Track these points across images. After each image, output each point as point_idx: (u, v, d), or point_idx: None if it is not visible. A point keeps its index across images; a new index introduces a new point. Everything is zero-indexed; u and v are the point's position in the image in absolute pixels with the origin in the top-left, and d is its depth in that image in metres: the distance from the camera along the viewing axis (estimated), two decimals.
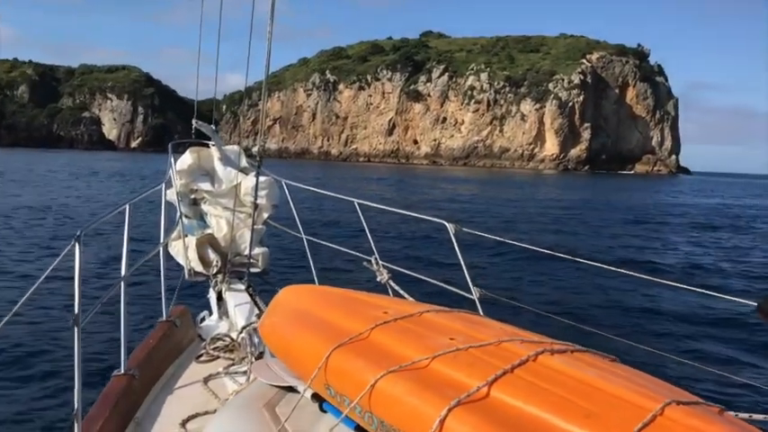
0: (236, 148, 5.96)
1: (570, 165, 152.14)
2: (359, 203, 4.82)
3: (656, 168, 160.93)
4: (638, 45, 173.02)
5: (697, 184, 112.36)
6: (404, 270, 4.46)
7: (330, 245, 5.38)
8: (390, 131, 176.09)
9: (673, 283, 3.68)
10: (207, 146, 5.76)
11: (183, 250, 5.24)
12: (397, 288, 4.14)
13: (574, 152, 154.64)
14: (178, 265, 5.36)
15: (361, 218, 4.76)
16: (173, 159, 5.57)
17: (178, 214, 5.31)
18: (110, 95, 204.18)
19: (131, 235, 3.64)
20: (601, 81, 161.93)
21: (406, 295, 3.97)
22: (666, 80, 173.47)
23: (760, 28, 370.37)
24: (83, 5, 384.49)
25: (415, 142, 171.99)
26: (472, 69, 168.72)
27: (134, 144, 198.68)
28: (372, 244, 4.49)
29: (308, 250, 5.19)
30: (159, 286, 4.42)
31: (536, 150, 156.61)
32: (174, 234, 5.30)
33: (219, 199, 5.58)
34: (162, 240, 4.54)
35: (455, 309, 2.69)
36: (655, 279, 3.74)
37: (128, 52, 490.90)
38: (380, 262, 4.37)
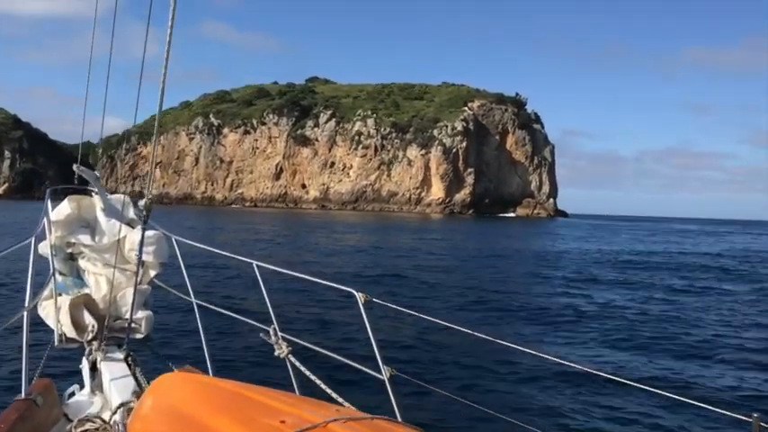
0: (121, 197, 5.39)
1: (456, 208, 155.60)
2: (258, 266, 4.49)
3: (535, 211, 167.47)
4: (516, 94, 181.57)
5: (577, 228, 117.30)
6: (306, 343, 4.16)
7: (223, 311, 5.02)
8: (278, 176, 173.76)
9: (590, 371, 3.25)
10: (89, 194, 5.20)
11: (55, 312, 4.58)
12: (297, 364, 3.86)
13: (459, 196, 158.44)
14: (48, 329, 4.72)
15: (260, 282, 4.40)
16: (49, 208, 4.98)
17: (51, 270, 4.65)
18: None
19: None
20: (482, 128, 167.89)
21: (307, 373, 3.78)
22: (543, 127, 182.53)
23: (618, 81, 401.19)
24: None
25: (304, 186, 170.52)
26: (359, 115, 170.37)
27: (0, 191, 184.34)
28: (272, 312, 4.15)
29: (198, 316, 4.71)
30: (21, 356, 3.81)
31: (423, 194, 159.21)
32: (46, 293, 4.63)
33: (100, 254, 4.99)
34: (27, 302, 3.98)
35: (369, 416, 2.39)
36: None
37: None
38: (280, 333, 4.04)
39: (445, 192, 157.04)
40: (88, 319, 4.75)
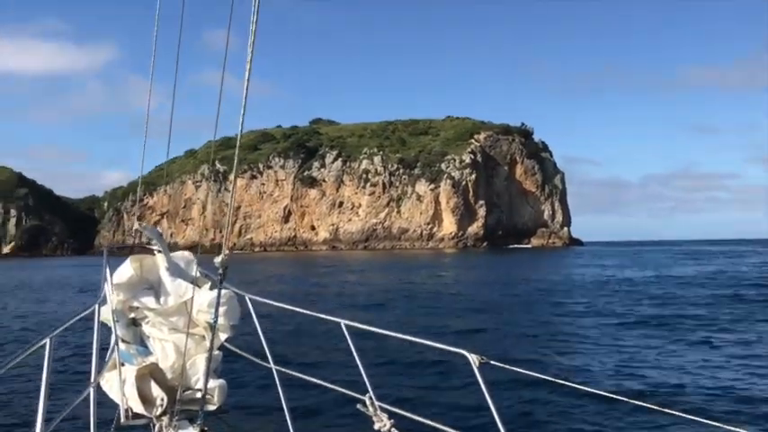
0: (185, 254, 5.05)
1: (469, 242, 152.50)
2: (346, 325, 4.12)
3: (550, 241, 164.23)
4: (522, 124, 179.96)
5: (601, 256, 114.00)
6: (411, 415, 3.67)
7: (308, 378, 4.55)
8: (286, 219, 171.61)
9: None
10: (151, 252, 4.90)
11: (119, 385, 4.20)
12: None
13: (471, 229, 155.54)
14: (113, 403, 4.29)
15: (350, 343, 4.03)
16: (108, 270, 4.65)
17: (113, 338, 4.35)
18: None
19: (54, 371, 3.16)
20: (490, 159, 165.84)
21: None
22: (551, 155, 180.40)
23: (619, 106, 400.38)
24: None
25: (313, 228, 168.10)
26: (365, 153, 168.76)
27: (6, 250, 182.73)
28: (366, 377, 3.77)
29: (278, 384, 4.37)
30: None
31: (434, 230, 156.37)
32: (109, 364, 4.33)
33: (166, 318, 4.61)
34: (93, 377, 3.79)
35: None
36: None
37: None
38: (377, 403, 3.68)
39: (457, 225, 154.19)
40: (156, 391, 4.28)
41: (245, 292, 4.70)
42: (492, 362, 3.36)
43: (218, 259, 3.82)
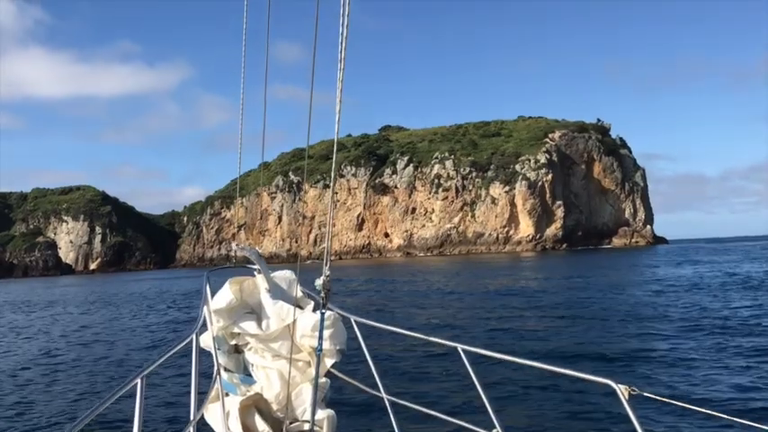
0: (286, 274, 4.86)
1: (547, 244, 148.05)
2: (464, 350, 3.80)
3: (633, 240, 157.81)
4: (598, 120, 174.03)
5: (683, 253, 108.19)
6: None
7: (424, 410, 4.15)
8: (360, 227, 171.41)
9: None
10: (251, 273, 4.80)
11: (223, 417, 4.00)
12: None
13: (549, 231, 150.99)
14: None
15: (470, 370, 3.68)
16: (209, 295, 4.54)
17: (215, 367, 4.14)
18: (65, 217, 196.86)
19: (150, 406, 3.06)
20: (566, 158, 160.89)
21: None
22: (630, 152, 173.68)
23: (695, 99, 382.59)
24: (27, 129, 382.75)
25: (387, 235, 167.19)
26: (436, 158, 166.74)
27: (93, 266, 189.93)
28: (491, 410, 3.48)
29: (391, 416, 4.09)
30: None
31: (511, 233, 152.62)
32: (212, 395, 4.10)
33: (268, 344, 4.45)
34: (193, 411, 3.55)
35: None
36: None
37: (80, 173, 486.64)
38: None
39: (535, 228, 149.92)
40: (261, 424, 4.06)
41: (350, 312, 4.35)
42: (645, 393, 3.01)
43: (318, 281, 3.61)
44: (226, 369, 4.44)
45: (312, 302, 4.54)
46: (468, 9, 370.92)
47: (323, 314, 3.81)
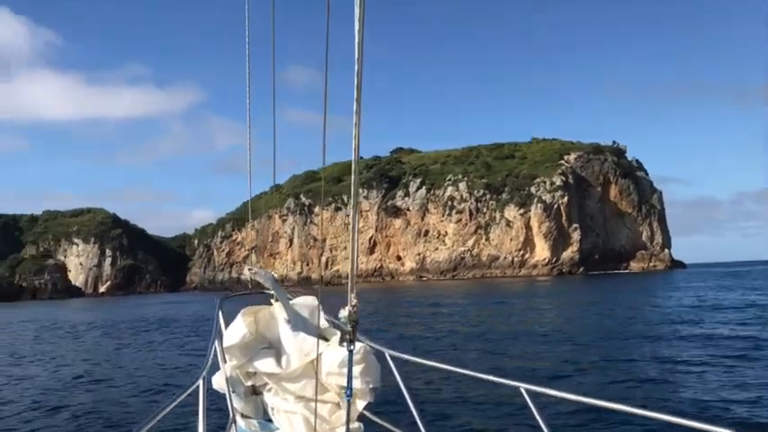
0: (309, 300, 4.37)
1: (564, 268, 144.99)
2: (528, 390, 3.21)
3: (651, 264, 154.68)
4: (614, 142, 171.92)
5: (706, 278, 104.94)
6: None
7: None
8: (372, 249, 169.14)
9: None
10: (267, 301, 4.35)
11: None
12: None
13: (566, 255, 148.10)
14: None
15: (535, 413, 3.09)
16: (222, 326, 4.16)
17: (230, 413, 3.74)
18: (75, 240, 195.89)
19: None
20: (582, 181, 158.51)
21: None
22: (647, 174, 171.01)
23: (706, 123, 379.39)
24: (37, 151, 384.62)
25: (399, 258, 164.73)
26: (450, 180, 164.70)
27: (102, 289, 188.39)
28: None
29: None
30: None
31: (526, 256, 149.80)
32: None
33: (289, 384, 3.94)
34: None
35: None
36: None
37: (91, 195, 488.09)
38: None
39: (551, 251, 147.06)
40: None
41: (383, 345, 3.82)
42: None
43: (343, 313, 3.19)
44: (243, 415, 3.97)
45: (338, 333, 3.89)
46: (479, 33, 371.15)
47: (351, 351, 3.27)
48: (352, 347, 3.25)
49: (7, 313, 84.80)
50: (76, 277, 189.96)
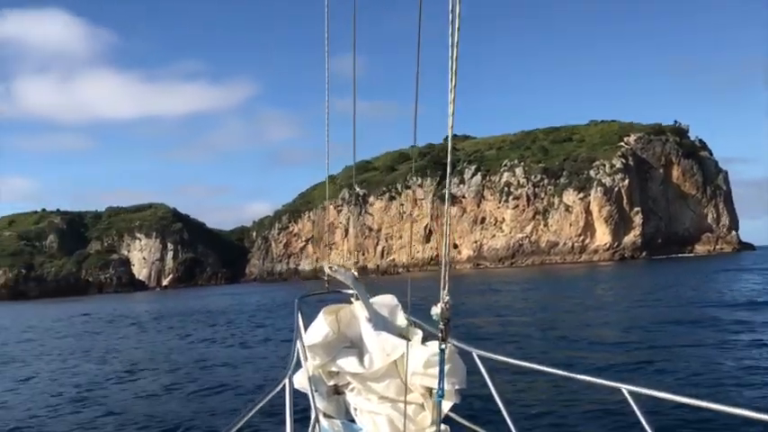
0: (389, 299, 4.35)
1: (626, 253, 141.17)
2: (631, 392, 2.96)
3: (717, 247, 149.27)
4: (675, 122, 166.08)
5: None
6: None
7: None
8: (427, 238, 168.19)
9: None
10: (348, 300, 4.33)
11: None
12: None
13: (628, 239, 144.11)
14: None
15: (642, 419, 2.87)
16: (302, 327, 4.12)
17: (312, 413, 3.66)
18: (138, 235, 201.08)
19: None
20: (643, 162, 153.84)
21: None
22: (711, 154, 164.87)
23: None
24: (99, 150, 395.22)
25: (455, 246, 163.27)
26: (506, 165, 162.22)
27: (165, 282, 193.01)
28: None
29: None
30: None
31: (587, 241, 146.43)
32: None
33: (373, 384, 3.89)
34: None
35: None
36: None
37: (151, 191, 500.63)
38: None
39: (612, 236, 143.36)
40: None
41: (470, 345, 3.68)
42: None
43: (435, 310, 3.03)
44: (326, 415, 3.91)
45: (420, 332, 3.91)
46: (530, 14, 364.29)
47: (443, 351, 3.12)
48: (443, 347, 3.10)
49: (79, 306, 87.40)
50: (140, 271, 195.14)
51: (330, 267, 4.25)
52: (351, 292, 4.25)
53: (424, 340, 3.76)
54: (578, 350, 18.95)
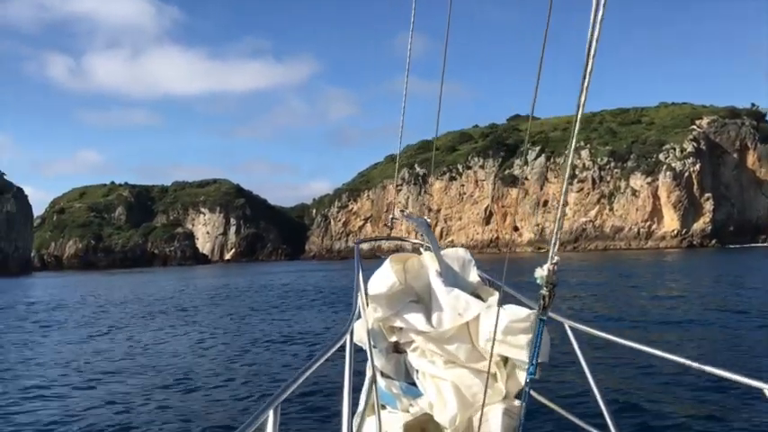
0: (461, 252, 3.95)
1: (695, 240, 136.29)
2: None
3: None
4: (752, 105, 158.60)
5: None
6: None
7: None
8: (487, 220, 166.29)
9: None
10: (417, 250, 3.98)
11: None
12: None
13: (697, 226, 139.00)
14: None
15: None
16: (360, 277, 3.60)
17: (369, 370, 3.41)
18: (202, 209, 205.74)
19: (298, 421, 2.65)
20: (716, 147, 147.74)
21: None
22: None
23: None
24: (165, 126, 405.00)
25: (516, 229, 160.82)
26: None
27: (227, 256, 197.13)
28: None
29: None
30: None
31: (653, 227, 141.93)
32: (366, 405, 3.43)
33: (440, 346, 3.44)
34: (345, 426, 2.86)
35: None
36: None
37: (215, 167, 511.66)
38: None
39: (680, 222, 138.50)
40: None
41: (561, 314, 3.20)
42: None
43: (541, 272, 2.68)
44: (384, 374, 3.54)
45: (496, 293, 3.50)
46: None
47: (542, 321, 2.79)
48: (544, 316, 2.76)
49: (153, 278, 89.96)
50: (203, 245, 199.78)
51: (402, 211, 3.73)
52: (414, 241, 3.87)
53: (501, 303, 3.27)
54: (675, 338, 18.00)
